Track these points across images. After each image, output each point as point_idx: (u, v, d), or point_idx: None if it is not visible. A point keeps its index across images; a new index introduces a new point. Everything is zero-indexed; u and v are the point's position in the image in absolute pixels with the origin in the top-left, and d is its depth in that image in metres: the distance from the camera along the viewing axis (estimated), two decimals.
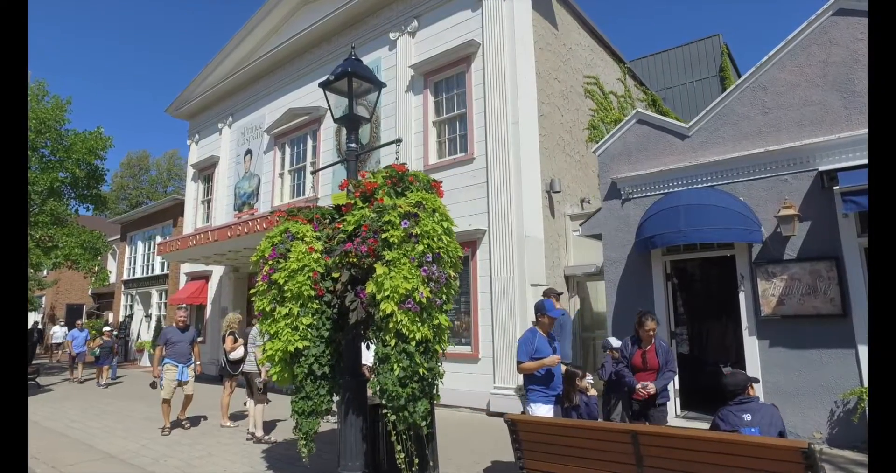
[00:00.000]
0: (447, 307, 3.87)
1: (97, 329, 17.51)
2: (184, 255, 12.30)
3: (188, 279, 15.31)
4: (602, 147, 7.46)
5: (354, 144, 4.68)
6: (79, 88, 61.32)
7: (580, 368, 4.04)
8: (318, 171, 7.71)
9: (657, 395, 4.16)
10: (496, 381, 7.93)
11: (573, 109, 10.53)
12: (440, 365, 3.88)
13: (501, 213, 8.33)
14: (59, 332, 16.84)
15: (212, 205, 15.12)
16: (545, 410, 3.99)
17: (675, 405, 6.41)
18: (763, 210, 6.03)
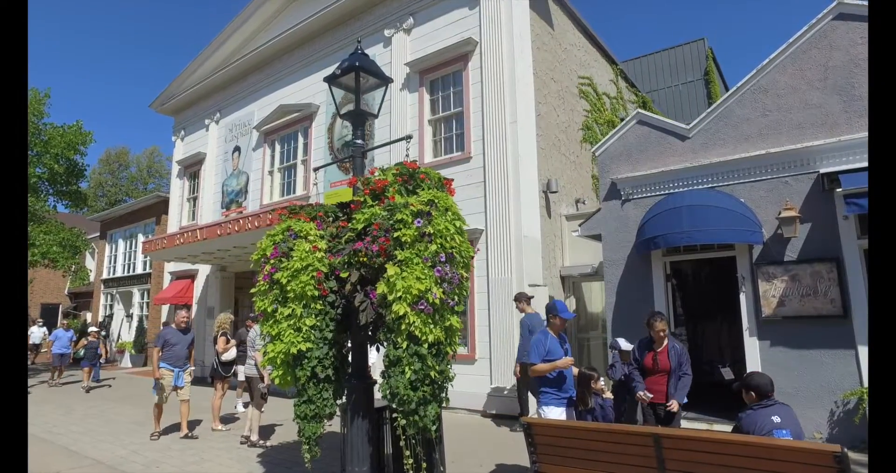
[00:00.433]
0: (459, 308, 3.78)
1: (75, 328, 16.99)
2: (170, 254, 11.97)
3: (173, 278, 14.94)
4: (602, 147, 7.44)
5: (361, 140, 4.57)
6: (53, 81, 59.66)
7: (594, 370, 3.98)
8: (320, 169, 7.54)
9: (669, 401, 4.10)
10: (493, 382, 7.85)
11: (568, 110, 10.52)
12: (451, 368, 3.79)
13: (499, 213, 8.26)
14: (38, 333, 16.24)
15: (198, 202, 14.76)
16: (558, 413, 3.91)
17: None
18: (763, 211, 6.06)
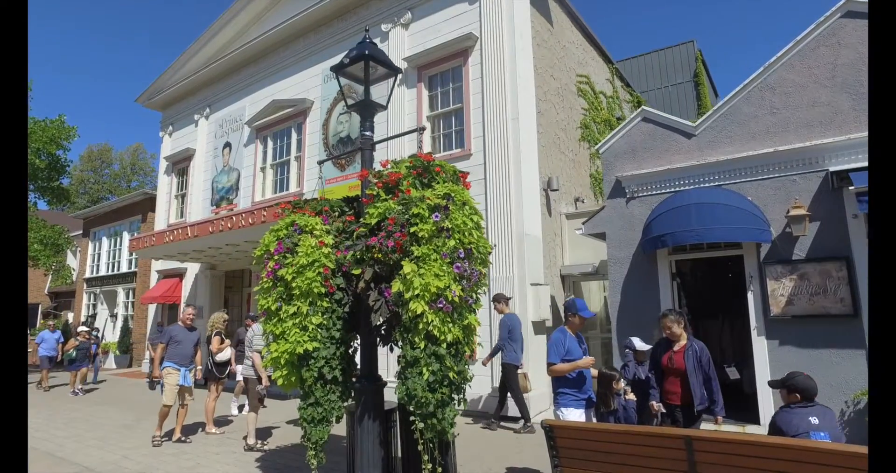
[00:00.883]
0: (477, 306, 3.64)
1: (58, 328, 16.47)
2: (158, 251, 11.64)
3: (160, 277, 14.56)
4: (606, 144, 7.36)
5: (370, 132, 4.40)
6: (30, 74, 58.10)
7: (615, 370, 3.86)
8: (324, 162, 7.34)
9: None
10: (494, 383, 7.72)
11: (567, 108, 10.45)
12: (468, 368, 3.65)
13: (500, 211, 8.14)
14: None
15: (186, 199, 14.40)
16: (577, 414, 3.78)
17: None
18: (771, 210, 6.01)
